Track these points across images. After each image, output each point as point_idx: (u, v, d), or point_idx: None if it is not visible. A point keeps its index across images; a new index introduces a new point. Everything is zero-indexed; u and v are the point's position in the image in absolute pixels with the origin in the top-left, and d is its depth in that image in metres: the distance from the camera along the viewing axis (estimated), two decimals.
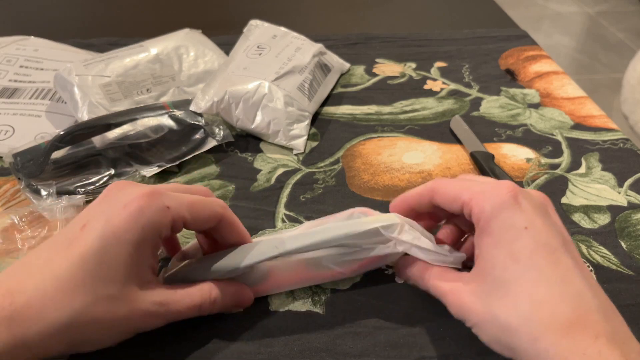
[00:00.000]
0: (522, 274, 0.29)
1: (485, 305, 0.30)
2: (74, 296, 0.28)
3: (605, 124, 0.57)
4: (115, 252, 0.30)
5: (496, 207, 0.31)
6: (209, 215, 0.34)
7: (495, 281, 0.30)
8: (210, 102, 0.53)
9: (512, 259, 0.29)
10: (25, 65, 0.63)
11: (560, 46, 2.12)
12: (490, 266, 0.30)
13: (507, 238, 0.30)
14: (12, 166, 0.47)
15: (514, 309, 0.29)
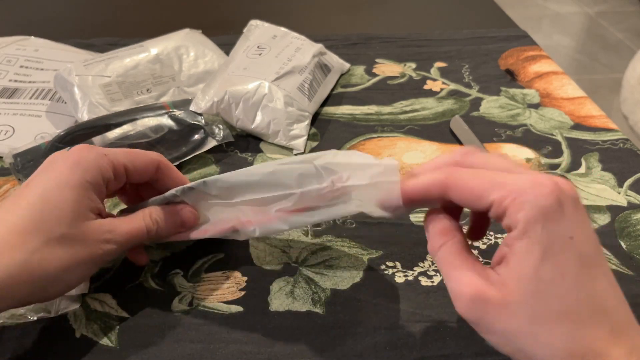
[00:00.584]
0: (569, 291, 0.27)
1: (523, 316, 0.27)
2: (26, 238, 0.31)
3: (605, 124, 0.57)
4: (59, 196, 0.32)
5: (540, 212, 0.27)
6: (145, 162, 0.37)
7: (538, 294, 0.27)
8: (210, 102, 0.53)
9: (560, 275, 0.27)
10: (26, 65, 0.63)
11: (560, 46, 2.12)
12: (535, 277, 0.27)
13: (554, 250, 0.27)
14: (12, 166, 0.47)
15: (557, 326, 0.27)
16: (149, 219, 0.37)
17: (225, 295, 0.39)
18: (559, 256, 0.27)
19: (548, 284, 0.27)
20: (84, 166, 0.34)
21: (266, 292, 0.39)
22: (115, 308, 0.38)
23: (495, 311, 0.28)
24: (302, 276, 0.40)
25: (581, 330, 0.27)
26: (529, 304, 0.27)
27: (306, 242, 0.43)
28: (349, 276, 0.40)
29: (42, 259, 0.31)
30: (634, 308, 0.38)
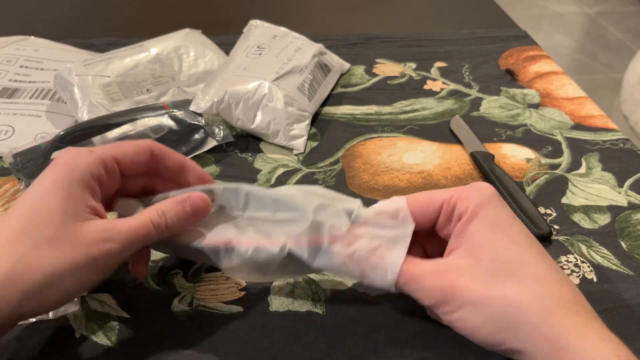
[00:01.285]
0: (522, 254, 0.30)
1: (489, 285, 0.30)
2: (14, 245, 0.29)
3: (605, 124, 0.57)
4: (45, 199, 0.31)
5: (485, 199, 0.32)
6: (135, 149, 0.35)
7: (497, 262, 0.30)
8: (210, 102, 0.53)
9: (511, 241, 0.31)
10: (26, 65, 0.63)
11: (560, 46, 2.12)
12: (490, 248, 0.31)
13: (502, 224, 0.31)
14: (12, 166, 0.47)
15: (524, 287, 0.29)
16: (155, 213, 0.34)
17: (225, 295, 0.39)
18: (508, 229, 0.31)
19: (503, 250, 0.30)
20: (69, 166, 0.32)
21: (266, 292, 0.39)
22: (115, 308, 0.38)
23: (459, 283, 0.30)
24: (302, 276, 0.40)
25: (548, 289, 0.29)
26: (486, 270, 0.30)
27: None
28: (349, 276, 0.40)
29: (30, 264, 0.29)
30: (635, 308, 0.38)
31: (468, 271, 0.30)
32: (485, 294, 0.30)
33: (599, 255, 0.42)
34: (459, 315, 0.30)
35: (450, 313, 0.31)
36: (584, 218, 0.46)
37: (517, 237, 0.31)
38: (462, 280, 0.30)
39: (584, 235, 0.44)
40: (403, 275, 0.32)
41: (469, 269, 0.31)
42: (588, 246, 0.43)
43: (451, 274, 0.31)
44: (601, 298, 0.38)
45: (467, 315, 0.30)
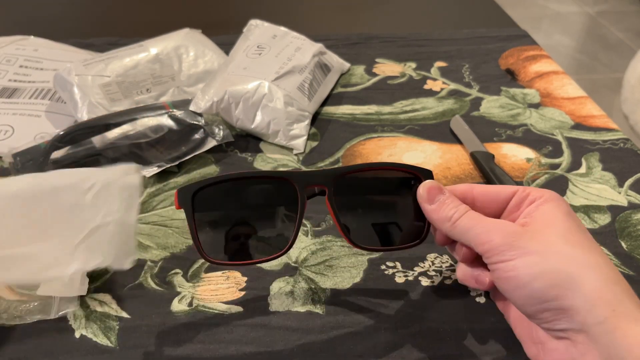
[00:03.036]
0: (587, 239, 0.31)
1: (558, 243, 0.30)
2: None
3: (606, 124, 0.57)
4: None
5: (558, 197, 0.33)
6: None
7: (567, 234, 0.31)
8: (210, 102, 0.53)
9: (579, 228, 0.32)
10: (25, 65, 0.63)
11: (560, 46, 2.12)
12: (562, 223, 0.31)
13: (573, 215, 0.33)
14: (12, 166, 0.47)
15: (589, 255, 0.30)
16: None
17: (225, 295, 0.39)
18: (576, 220, 0.32)
19: (573, 230, 0.31)
20: None
21: (266, 292, 0.39)
22: (115, 308, 0.38)
23: (529, 235, 0.31)
24: (302, 276, 0.40)
25: (608, 264, 0.30)
26: (561, 236, 0.31)
27: (306, 242, 0.43)
28: (349, 276, 0.40)
29: None
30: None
31: (539, 230, 0.31)
32: (554, 248, 0.30)
33: None
34: (519, 262, 0.30)
35: (508, 261, 0.30)
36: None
37: (584, 230, 0.32)
38: (531, 232, 0.31)
39: None
40: (473, 217, 0.33)
41: (541, 229, 0.31)
42: None
43: (521, 230, 0.31)
44: None
45: (528, 264, 0.30)
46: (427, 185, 0.35)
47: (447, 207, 0.34)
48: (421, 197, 0.35)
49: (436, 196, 0.34)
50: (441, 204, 0.34)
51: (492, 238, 0.31)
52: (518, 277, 0.30)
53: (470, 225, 0.33)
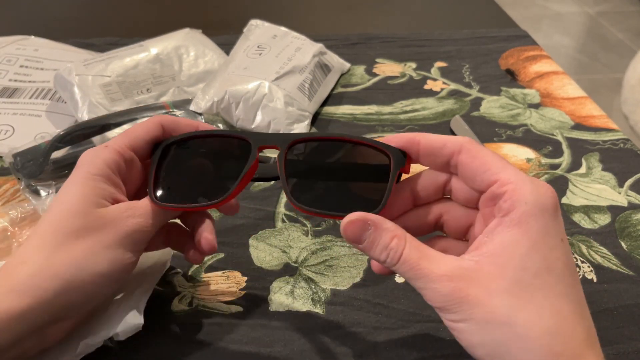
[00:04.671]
0: (552, 285, 0.27)
1: (501, 305, 0.27)
2: (44, 240, 0.30)
3: (606, 124, 0.57)
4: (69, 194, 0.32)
5: (540, 206, 0.28)
6: (145, 130, 0.35)
7: (521, 283, 0.27)
8: (210, 102, 0.53)
9: (546, 268, 0.27)
10: (26, 65, 0.63)
11: (560, 46, 2.12)
12: (520, 266, 0.27)
13: (545, 244, 0.27)
14: (12, 166, 0.47)
15: (538, 318, 0.26)
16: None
17: (225, 295, 0.39)
18: (548, 252, 0.27)
19: (533, 275, 0.27)
20: (88, 164, 0.33)
21: (266, 292, 0.39)
22: None
23: (475, 300, 0.27)
24: (302, 276, 0.40)
25: (562, 327, 0.27)
26: (511, 292, 0.27)
27: (306, 242, 0.43)
28: (349, 276, 0.40)
29: (63, 254, 0.30)
30: (635, 308, 0.38)
31: (485, 284, 0.27)
32: (493, 316, 0.27)
33: (599, 256, 0.42)
34: (462, 327, 0.28)
35: (453, 322, 0.28)
36: (584, 218, 0.46)
37: (553, 263, 0.27)
38: (474, 292, 0.27)
39: (584, 235, 0.44)
40: (411, 266, 0.28)
41: (487, 281, 0.27)
42: (588, 246, 0.43)
43: (465, 282, 0.27)
44: (601, 298, 0.39)
45: (469, 330, 0.27)
46: (346, 223, 0.29)
47: (378, 249, 0.29)
48: (346, 238, 0.30)
49: (362, 234, 0.29)
50: (371, 244, 0.29)
51: (434, 298, 0.28)
52: (462, 340, 0.28)
53: (410, 275, 0.28)
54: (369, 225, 0.29)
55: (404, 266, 0.29)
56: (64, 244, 0.30)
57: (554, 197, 0.28)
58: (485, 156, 0.29)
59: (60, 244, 0.30)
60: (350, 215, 0.29)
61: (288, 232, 0.44)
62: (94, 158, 0.33)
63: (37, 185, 0.46)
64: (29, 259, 0.30)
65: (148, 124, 0.35)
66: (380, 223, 0.29)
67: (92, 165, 0.33)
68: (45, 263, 0.30)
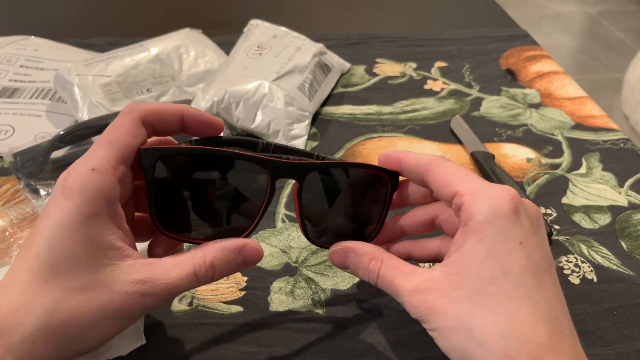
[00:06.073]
0: (508, 289, 0.28)
1: (460, 313, 0.28)
2: (42, 295, 0.27)
3: (606, 124, 0.57)
4: (66, 241, 0.27)
5: (495, 213, 0.28)
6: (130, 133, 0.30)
7: (478, 290, 0.28)
8: (210, 102, 0.53)
9: (502, 273, 0.28)
10: (26, 65, 0.63)
11: (560, 46, 2.12)
12: (476, 274, 0.28)
13: (500, 249, 0.28)
14: (12, 166, 0.47)
15: (493, 323, 0.27)
16: (203, 264, 0.29)
17: (225, 295, 0.39)
18: (504, 257, 0.28)
19: (488, 281, 0.28)
20: (80, 197, 0.27)
21: (266, 292, 0.39)
22: None
23: (438, 308, 0.29)
24: (302, 276, 0.40)
25: (518, 330, 0.27)
26: (462, 296, 0.28)
27: (306, 242, 0.43)
28: (349, 276, 0.40)
29: (62, 318, 0.27)
30: (635, 308, 0.38)
31: (448, 293, 0.29)
32: (453, 324, 0.28)
33: (599, 256, 0.42)
34: (435, 335, 0.29)
35: (429, 330, 0.29)
36: (584, 218, 0.45)
37: (510, 267, 0.28)
38: (439, 302, 0.29)
39: (584, 235, 0.44)
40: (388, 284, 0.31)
41: (449, 291, 0.29)
42: (588, 246, 0.43)
43: (431, 294, 0.29)
44: (601, 298, 0.38)
45: (440, 338, 0.29)
46: (330, 253, 0.34)
47: (360, 271, 0.32)
48: (335, 265, 0.34)
49: (344, 260, 0.33)
50: (354, 267, 0.33)
51: (409, 311, 0.30)
52: (440, 347, 0.29)
53: (389, 291, 0.31)
54: (349, 252, 0.33)
55: (382, 284, 0.31)
56: (66, 304, 0.27)
57: (512, 200, 0.29)
58: (447, 170, 0.32)
59: (61, 304, 0.27)
60: (333, 247, 0.34)
61: (288, 232, 0.44)
62: (84, 190, 0.27)
63: (36, 184, 0.46)
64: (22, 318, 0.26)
65: (130, 126, 0.30)
66: (358, 248, 0.33)
67: (84, 202, 0.27)
68: (45, 323, 0.27)
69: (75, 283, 0.27)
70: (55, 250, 0.27)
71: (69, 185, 0.27)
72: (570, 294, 0.39)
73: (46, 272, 0.27)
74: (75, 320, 0.27)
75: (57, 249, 0.27)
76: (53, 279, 0.27)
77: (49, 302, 0.27)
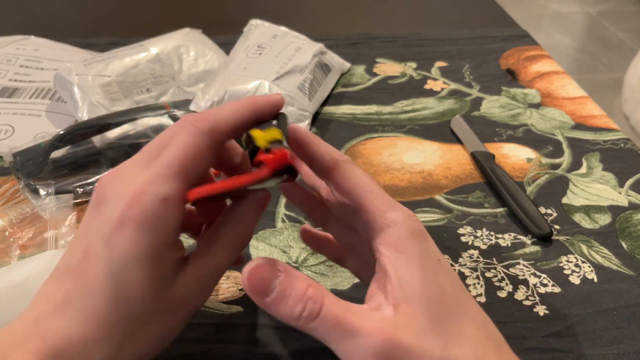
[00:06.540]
0: (452, 309, 0.26)
1: (432, 348, 0.25)
2: (109, 330, 0.26)
3: (606, 124, 0.57)
4: (132, 274, 0.25)
5: (411, 232, 0.27)
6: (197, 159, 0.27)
7: (434, 317, 0.26)
8: (210, 102, 0.53)
9: (440, 292, 0.26)
10: (26, 64, 0.63)
11: (561, 46, 2.12)
12: (426, 297, 0.26)
13: (429, 268, 0.27)
14: (12, 165, 0.47)
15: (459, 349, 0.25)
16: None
17: (225, 295, 0.39)
18: (435, 274, 0.27)
19: (435, 302, 0.26)
20: (153, 230, 0.25)
21: None
22: None
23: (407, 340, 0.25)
24: None
25: (479, 348, 0.26)
26: (433, 328, 0.25)
27: None
28: (349, 276, 0.40)
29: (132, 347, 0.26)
30: (635, 308, 0.38)
31: (410, 329, 0.25)
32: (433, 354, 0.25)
33: (599, 256, 0.42)
34: None
35: None
36: (584, 218, 0.45)
37: (443, 285, 0.27)
38: (406, 340, 0.25)
39: (584, 236, 0.44)
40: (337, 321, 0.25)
41: (410, 325, 0.25)
42: (589, 246, 0.43)
43: (396, 331, 0.25)
44: (602, 298, 0.38)
45: None
46: (250, 271, 0.25)
47: (291, 300, 0.25)
48: (250, 289, 0.25)
49: (269, 285, 0.25)
50: (281, 294, 0.25)
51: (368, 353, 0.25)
52: None
53: (334, 332, 0.26)
54: (279, 271, 0.26)
55: (326, 321, 0.25)
56: (134, 333, 0.26)
57: (418, 220, 0.28)
58: (354, 178, 0.29)
59: (129, 334, 0.26)
60: (251, 262, 0.25)
61: (288, 232, 0.44)
62: (155, 225, 0.25)
63: (36, 184, 0.46)
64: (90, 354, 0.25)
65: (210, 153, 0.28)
66: (290, 270, 0.26)
67: (154, 235, 0.25)
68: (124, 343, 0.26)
69: (140, 313, 0.26)
70: (120, 283, 0.25)
71: (136, 215, 0.25)
72: (570, 294, 0.39)
73: (108, 304, 0.25)
74: (144, 347, 0.27)
75: (121, 282, 0.25)
76: (117, 313, 0.26)
77: (116, 336, 0.26)
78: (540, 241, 0.43)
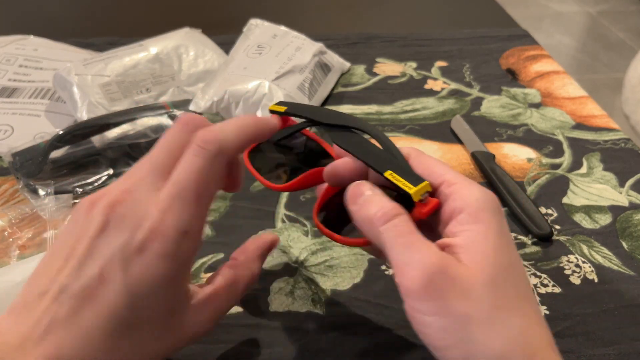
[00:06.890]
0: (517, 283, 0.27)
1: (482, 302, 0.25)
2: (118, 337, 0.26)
3: (607, 124, 0.57)
4: (147, 301, 0.26)
5: (490, 206, 0.28)
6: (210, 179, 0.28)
7: (496, 281, 0.26)
8: (210, 102, 0.53)
9: (510, 265, 0.27)
10: (25, 64, 0.63)
11: (561, 46, 2.12)
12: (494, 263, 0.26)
13: (506, 241, 0.27)
14: (11, 165, 0.47)
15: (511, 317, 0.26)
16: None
17: None
18: (509, 248, 0.27)
19: (505, 271, 0.26)
20: (172, 263, 0.26)
21: (266, 293, 0.39)
22: None
23: (458, 291, 0.25)
24: (302, 276, 0.40)
25: (533, 326, 0.26)
26: (491, 288, 0.26)
27: (306, 242, 0.43)
28: (349, 276, 0.40)
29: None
30: (635, 309, 0.38)
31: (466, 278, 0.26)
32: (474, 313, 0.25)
33: (600, 256, 0.42)
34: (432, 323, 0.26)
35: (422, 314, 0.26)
36: (585, 218, 0.45)
37: (515, 261, 0.27)
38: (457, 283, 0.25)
39: (585, 236, 0.44)
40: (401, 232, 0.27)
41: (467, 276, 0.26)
42: (589, 246, 0.43)
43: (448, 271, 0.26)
44: (602, 298, 0.38)
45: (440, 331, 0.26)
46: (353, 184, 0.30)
47: (374, 205, 0.28)
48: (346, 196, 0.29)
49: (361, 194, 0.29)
50: (368, 200, 0.28)
51: (408, 277, 0.26)
52: (430, 338, 0.26)
53: (397, 241, 0.27)
54: (370, 189, 0.29)
55: (396, 228, 0.27)
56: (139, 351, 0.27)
57: (497, 199, 0.29)
58: (428, 161, 0.30)
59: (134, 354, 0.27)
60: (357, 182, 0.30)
61: (288, 232, 0.44)
62: (175, 258, 0.26)
63: (35, 184, 0.45)
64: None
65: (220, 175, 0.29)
66: (380, 191, 0.29)
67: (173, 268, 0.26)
68: None
69: (151, 336, 0.27)
70: (136, 309, 0.26)
71: (157, 248, 0.26)
72: (571, 294, 0.39)
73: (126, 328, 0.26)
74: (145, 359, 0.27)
75: (137, 308, 0.26)
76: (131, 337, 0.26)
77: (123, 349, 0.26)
78: (540, 241, 0.43)
